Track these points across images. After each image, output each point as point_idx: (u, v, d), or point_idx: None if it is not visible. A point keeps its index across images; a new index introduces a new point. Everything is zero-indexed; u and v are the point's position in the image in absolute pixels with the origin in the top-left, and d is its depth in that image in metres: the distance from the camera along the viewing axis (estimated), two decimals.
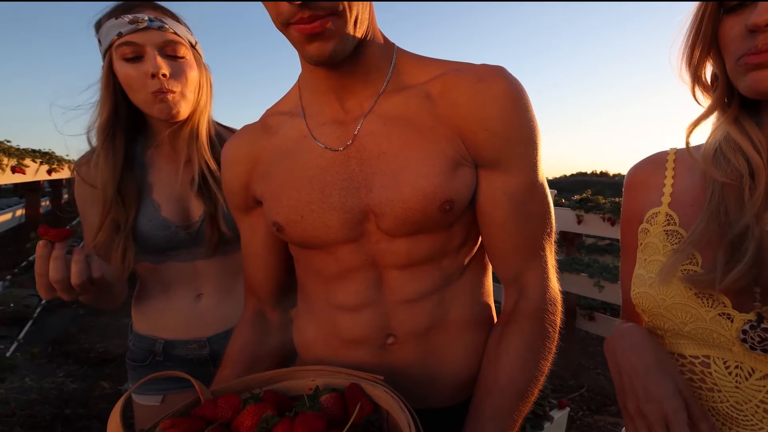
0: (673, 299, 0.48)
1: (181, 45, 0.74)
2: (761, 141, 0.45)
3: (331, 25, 0.41)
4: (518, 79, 0.48)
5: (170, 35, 0.72)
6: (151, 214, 0.79)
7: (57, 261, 0.56)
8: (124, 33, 0.69)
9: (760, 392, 0.43)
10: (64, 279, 0.57)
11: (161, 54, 0.72)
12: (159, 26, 0.71)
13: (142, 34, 0.70)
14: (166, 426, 0.37)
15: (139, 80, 0.71)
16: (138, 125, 0.81)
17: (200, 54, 0.81)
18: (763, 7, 0.38)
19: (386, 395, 0.42)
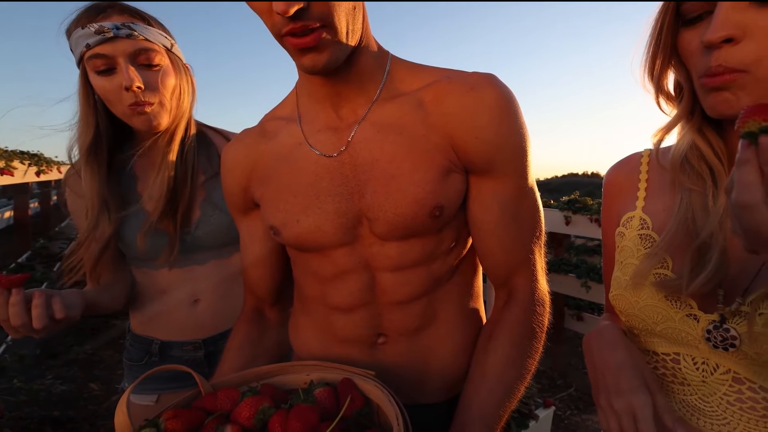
0: (645, 301, 0.50)
1: (154, 52, 0.71)
2: (722, 150, 0.47)
3: (325, 37, 0.42)
4: (509, 87, 0.50)
5: (141, 42, 0.69)
6: (139, 222, 0.78)
7: (14, 307, 0.57)
8: (92, 45, 0.66)
9: (723, 386, 0.46)
10: (26, 324, 0.58)
11: (134, 64, 0.69)
12: (127, 34, 0.67)
13: (112, 44, 0.67)
14: (169, 416, 0.39)
15: (114, 93, 0.69)
16: (122, 133, 0.80)
17: (178, 56, 0.78)
18: (716, 24, 0.39)
19: (377, 390, 0.44)
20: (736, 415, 0.45)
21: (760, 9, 0.37)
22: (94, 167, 0.74)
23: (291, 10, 0.38)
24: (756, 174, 0.30)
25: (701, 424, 0.48)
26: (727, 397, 0.46)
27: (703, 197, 0.47)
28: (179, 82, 0.77)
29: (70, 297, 0.65)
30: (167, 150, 0.76)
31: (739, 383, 0.45)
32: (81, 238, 0.77)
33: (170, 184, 0.76)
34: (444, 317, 0.56)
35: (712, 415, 0.47)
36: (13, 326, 0.58)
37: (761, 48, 0.38)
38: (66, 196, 0.82)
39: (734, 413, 0.45)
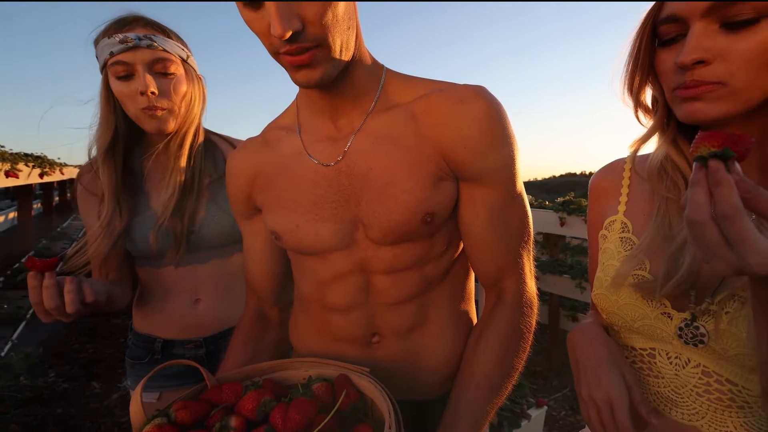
0: (624, 300, 0.53)
1: (170, 62, 0.77)
2: None
3: (318, 55, 0.44)
4: (497, 99, 0.52)
5: (160, 53, 0.75)
6: (148, 221, 0.82)
7: (48, 290, 0.59)
8: (116, 52, 0.73)
9: (694, 378, 0.49)
10: (59, 306, 0.60)
11: (150, 72, 0.75)
12: (148, 44, 0.74)
13: (133, 53, 0.73)
14: (178, 407, 0.42)
15: (130, 97, 0.75)
16: (135, 136, 0.85)
17: (193, 67, 0.84)
18: (688, 48, 0.42)
19: (371, 385, 0.47)
20: (705, 405, 0.48)
21: (729, 34, 0.41)
22: (111, 164, 0.79)
23: (287, 34, 0.40)
24: (705, 194, 0.33)
25: (673, 413, 0.51)
26: (697, 389, 0.49)
27: (678, 205, 0.50)
28: (191, 90, 0.82)
29: (97, 283, 0.69)
30: (178, 154, 0.81)
31: (708, 376, 0.48)
32: (92, 233, 0.80)
33: (180, 186, 0.80)
34: (436, 318, 0.58)
35: (683, 405, 0.50)
36: (46, 309, 0.60)
37: (732, 66, 0.41)
38: (78, 193, 0.86)
39: (703, 404, 0.48)
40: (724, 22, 0.41)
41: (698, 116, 0.44)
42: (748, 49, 0.40)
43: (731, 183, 0.32)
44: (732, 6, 0.39)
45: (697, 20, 0.42)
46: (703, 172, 0.33)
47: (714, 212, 0.32)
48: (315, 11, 0.42)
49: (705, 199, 0.32)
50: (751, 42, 0.40)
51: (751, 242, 0.31)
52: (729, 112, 0.42)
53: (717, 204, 0.32)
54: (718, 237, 0.32)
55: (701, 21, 0.41)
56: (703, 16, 0.41)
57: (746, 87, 0.41)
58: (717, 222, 0.32)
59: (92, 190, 0.83)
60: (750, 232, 0.31)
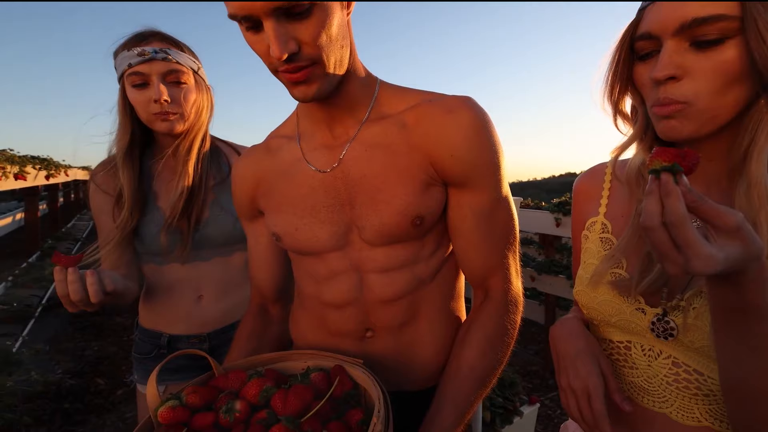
0: (602, 297, 0.57)
1: (182, 73, 0.84)
2: None
3: (313, 72, 0.48)
4: (484, 109, 0.55)
5: (173, 65, 0.82)
6: (157, 220, 0.87)
7: (74, 284, 0.65)
8: (134, 64, 0.80)
9: (664, 369, 0.52)
10: (84, 298, 0.66)
11: (164, 82, 0.82)
12: (163, 57, 0.81)
13: (149, 64, 0.80)
14: (189, 392, 0.47)
15: (145, 104, 0.82)
16: (147, 140, 0.91)
17: (203, 77, 0.90)
18: (660, 65, 0.45)
19: (364, 375, 0.51)
20: (674, 394, 0.52)
21: (698, 53, 0.44)
22: (130, 166, 0.85)
23: (284, 56, 0.45)
24: (657, 204, 0.36)
25: (645, 401, 0.54)
26: (667, 378, 0.52)
27: None
28: (200, 99, 0.88)
29: (113, 274, 0.75)
30: (187, 158, 0.87)
31: (677, 366, 0.51)
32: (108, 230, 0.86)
33: (189, 188, 0.86)
34: (426, 315, 0.61)
35: (654, 393, 0.54)
36: (73, 301, 0.66)
37: (698, 85, 0.44)
38: (90, 191, 0.91)
39: (672, 392, 0.52)
40: (694, 41, 0.44)
41: (673, 134, 0.47)
42: (713, 67, 0.43)
43: (679, 194, 0.35)
44: (699, 27, 0.43)
45: (669, 38, 0.45)
46: (656, 183, 0.37)
47: (663, 220, 0.36)
48: (310, 34, 0.45)
49: (656, 208, 0.36)
50: (716, 61, 0.43)
51: (695, 246, 0.35)
52: (698, 131, 0.46)
53: (666, 212, 0.36)
54: (668, 241, 0.36)
55: (673, 39, 0.45)
56: (675, 35, 0.44)
57: (709, 107, 0.44)
58: (667, 228, 0.36)
59: (105, 189, 0.88)
60: (694, 237, 0.35)
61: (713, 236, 0.37)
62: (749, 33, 0.42)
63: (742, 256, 0.36)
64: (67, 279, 0.65)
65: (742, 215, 0.36)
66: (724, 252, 0.35)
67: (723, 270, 0.35)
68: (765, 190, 0.44)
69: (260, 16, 0.44)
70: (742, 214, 0.36)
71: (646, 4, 0.48)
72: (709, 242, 0.36)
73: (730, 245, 0.35)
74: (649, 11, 0.47)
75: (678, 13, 0.44)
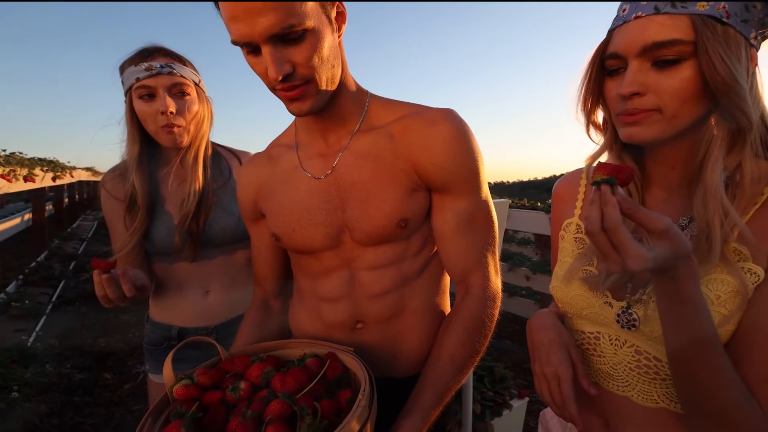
0: (574, 292, 0.62)
1: (186, 85, 0.90)
2: (637, 174, 0.58)
3: (307, 90, 0.53)
4: (464, 120, 0.60)
5: (177, 78, 0.88)
6: (165, 223, 0.94)
7: (111, 286, 0.74)
8: (141, 78, 0.85)
9: (628, 356, 0.57)
10: (120, 296, 0.76)
11: (169, 94, 0.88)
12: (168, 72, 0.87)
13: (155, 78, 0.86)
14: (200, 373, 0.53)
15: (152, 116, 0.88)
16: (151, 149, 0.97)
17: (203, 89, 0.97)
18: (626, 82, 0.49)
19: (353, 361, 0.57)
20: (635, 378, 0.57)
21: (658, 72, 0.49)
22: (142, 172, 0.92)
23: (281, 76, 0.51)
24: (597, 211, 0.42)
25: (610, 386, 0.59)
26: (630, 365, 0.57)
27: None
28: (201, 109, 0.94)
29: (138, 272, 0.83)
30: (195, 167, 0.94)
31: (639, 354, 0.55)
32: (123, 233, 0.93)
33: (198, 192, 0.93)
34: (412, 309, 0.66)
35: (618, 378, 0.58)
36: (112, 298, 0.75)
37: (660, 100, 0.49)
38: (102, 197, 0.98)
39: (634, 377, 0.57)
40: (655, 61, 0.49)
41: (636, 138, 0.52)
42: (673, 84, 0.48)
43: (614, 203, 0.41)
44: (659, 49, 0.48)
45: (633, 59, 0.50)
46: (597, 194, 0.43)
47: (603, 225, 0.42)
48: (303, 56, 0.51)
49: (597, 215, 0.42)
50: (675, 79, 0.48)
51: (627, 247, 0.40)
52: (660, 135, 0.51)
53: (604, 219, 0.42)
54: (607, 243, 0.42)
55: (636, 59, 0.50)
56: (638, 56, 0.49)
57: (675, 114, 0.49)
58: (605, 232, 0.42)
59: (115, 195, 0.95)
60: (626, 239, 0.41)
61: (646, 238, 0.42)
62: (701, 56, 0.47)
63: (670, 254, 0.41)
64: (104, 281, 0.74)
65: (670, 220, 0.41)
66: (654, 252, 0.41)
67: (653, 267, 0.41)
68: (718, 198, 0.48)
69: (259, 43, 0.50)
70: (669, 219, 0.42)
71: (614, 26, 0.53)
72: (641, 244, 0.41)
73: (659, 246, 0.41)
74: (616, 33, 0.52)
75: (641, 36, 0.49)
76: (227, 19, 0.50)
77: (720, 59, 0.46)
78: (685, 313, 0.45)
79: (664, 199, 0.58)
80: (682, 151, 0.54)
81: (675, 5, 0.48)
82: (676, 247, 0.41)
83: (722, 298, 0.49)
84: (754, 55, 0.49)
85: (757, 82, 0.50)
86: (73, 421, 2.00)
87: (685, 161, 0.54)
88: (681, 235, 0.42)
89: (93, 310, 3.48)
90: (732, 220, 0.48)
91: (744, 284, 0.47)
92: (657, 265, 0.41)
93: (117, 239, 0.94)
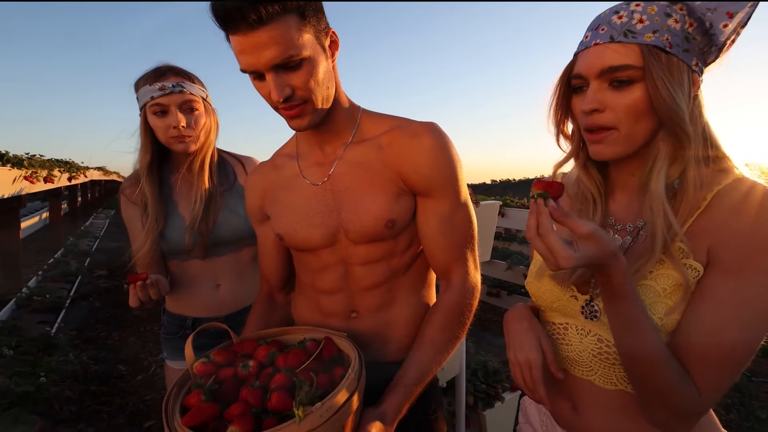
0: (546, 287, 0.68)
1: (195, 102, 1.00)
2: (600, 181, 0.65)
3: (305, 109, 0.61)
4: (444, 132, 0.67)
5: (187, 96, 0.98)
6: (178, 225, 1.03)
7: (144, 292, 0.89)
8: (155, 97, 0.96)
9: (591, 344, 0.62)
10: (150, 301, 0.90)
11: (180, 110, 0.98)
12: (179, 90, 0.97)
13: (168, 97, 0.96)
14: (215, 353, 0.62)
15: (165, 129, 0.98)
16: (164, 157, 1.07)
17: (209, 103, 1.06)
18: (587, 99, 0.56)
19: (347, 344, 0.64)
20: (598, 364, 0.62)
21: (614, 91, 0.56)
22: (151, 179, 1.02)
23: (282, 98, 0.59)
24: (534, 220, 0.50)
25: (576, 371, 0.65)
26: (593, 352, 0.62)
27: (587, 214, 0.67)
28: (208, 122, 1.04)
29: (160, 277, 0.97)
30: (201, 173, 1.03)
31: (600, 342, 0.61)
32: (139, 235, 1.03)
33: (205, 197, 1.02)
34: (401, 300, 0.73)
35: (583, 365, 0.64)
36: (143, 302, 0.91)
37: (616, 116, 0.56)
38: (122, 203, 1.08)
39: (596, 363, 0.62)
40: (611, 82, 0.56)
41: (601, 156, 0.59)
42: (625, 102, 0.55)
43: (546, 213, 0.49)
44: (614, 72, 0.55)
45: (593, 79, 0.57)
46: (534, 205, 0.51)
47: (537, 231, 0.50)
48: (301, 81, 0.59)
49: (534, 223, 0.50)
50: (628, 98, 0.55)
51: (556, 249, 0.48)
52: (621, 152, 0.58)
53: (539, 226, 0.50)
54: (543, 246, 0.50)
55: (596, 80, 0.56)
56: (597, 77, 0.56)
57: (630, 132, 0.56)
58: (540, 237, 0.50)
59: (133, 200, 1.05)
60: (555, 242, 0.48)
61: (576, 241, 0.50)
62: (647, 80, 0.54)
63: (596, 253, 0.49)
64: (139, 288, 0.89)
65: (595, 225, 0.49)
66: (580, 252, 0.48)
67: (582, 264, 0.49)
68: (660, 203, 0.55)
69: (263, 71, 0.58)
70: (595, 224, 0.49)
71: (578, 50, 0.60)
72: (570, 246, 0.49)
73: (585, 247, 0.49)
74: (580, 56, 0.59)
75: (599, 61, 0.56)
76: (237, 52, 0.58)
77: (662, 83, 0.53)
78: (619, 303, 0.52)
79: (626, 203, 0.65)
80: (638, 161, 0.60)
81: (627, 35, 0.55)
82: (601, 247, 0.49)
83: (668, 291, 0.55)
84: (696, 79, 0.56)
85: (699, 104, 0.57)
86: (91, 408, 2.12)
87: (642, 170, 0.60)
88: (605, 237, 0.49)
89: (106, 305, 3.63)
90: (670, 221, 0.55)
91: (686, 278, 0.54)
92: (585, 263, 0.49)
93: (135, 240, 1.04)
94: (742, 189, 0.53)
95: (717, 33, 0.54)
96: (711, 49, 0.56)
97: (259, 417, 0.50)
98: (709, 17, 0.53)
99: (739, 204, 0.52)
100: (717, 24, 0.53)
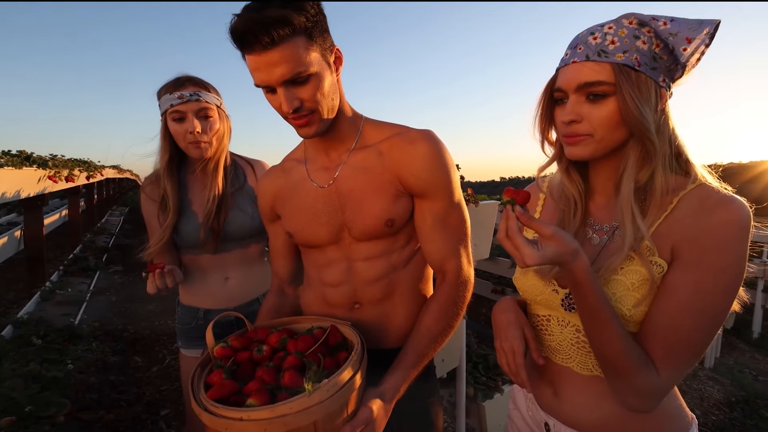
0: (530, 282, 0.73)
1: (210, 109, 1.09)
2: (581, 184, 0.70)
3: (312, 118, 0.67)
4: (440, 139, 0.74)
5: (203, 104, 1.07)
6: (192, 221, 1.12)
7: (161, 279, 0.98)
8: (175, 104, 1.05)
9: (570, 334, 0.68)
10: (166, 288, 0.99)
11: (197, 117, 1.07)
12: (196, 99, 1.06)
13: (186, 104, 1.05)
14: (232, 339, 0.70)
15: (182, 134, 1.07)
16: (181, 159, 1.16)
17: (224, 110, 1.15)
18: (565, 111, 0.62)
19: (350, 331, 0.72)
20: (576, 352, 0.68)
21: (590, 104, 0.62)
22: (171, 177, 1.11)
23: (291, 110, 0.66)
24: (503, 224, 0.57)
25: (557, 359, 0.71)
26: (572, 341, 0.68)
27: (569, 215, 0.72)
28: (222, 127, 1.13)
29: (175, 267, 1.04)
30: (215, 174, 1.12)
31: (578, 332, 0.67)
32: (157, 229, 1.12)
33: (217, 197, 1.11)
34: (400, 292, 0.80)
35: (562, 352, 0.70)
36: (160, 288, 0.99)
37: (592, 126, 0.62)
38: (142, 201, 1.18)
39: (575, 351, 0.68)
40: (588, 96, 0.62)
41: (575, 156, 0.65)
42: (600, 114, 0.61)
43: (513, 217, 0.56)
44: (590, 87, 0.61)
45: (572, 93, 0.62)
46: (504, 211, 0.57)
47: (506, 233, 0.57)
48: (308, 94, 0.66)
49: (503, 227, 0.57)
50: (603, 110, 0.61)
51: (521, 249, 0.55)
52: (594, 154, 0.64)
53: (507, 229, 0.56)
54: (511, 247, 0.56)
55: (574, 94, 0.62)
56: (575, 91, 0.62)
57: (603, 138, 0.62)
58: (508, 239, 0.56)
59: (152, 197, 1.14)
60: (521, 243, 0.55)
61: (541, 242, 0.57)
62: (618, 95, 0.60)
63: (557, 252, 0.55)
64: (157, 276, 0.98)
65: (556, 227, 0.55)
66: (543, 251, 0.55)
67: (545, 261, 0.55)
68: (629, 204, 0.62)
69: (274, 86, 0.65)
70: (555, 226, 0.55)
71: (560, 66, 0.66)
72: (534, 246, 0.56)
73: (547, 246, 0.55)
74: (561, 72, 0.65)
75: (576, 77, 0.62)
76: (251, 69, 0.66)
77: (631, 98, 0.59)
78: (582, 294, 0.59)
79: (604, 205, 0.71)
80: (614, 166, 0.66)
81: (600, 54, 0.61)
82: (562, 246, 0.55)
83: (636, 285, 0.62)
84: (663, 94, 0.62)
85: (666, 116, 0.63)
86: (111, 397, 2.24)
87: (617, 175, 0.66)
88: (567, 238, 0.56)
89: (122, 300, 3.78)
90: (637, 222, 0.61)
91: (652, 274, 0.60)
92: (548, 260, 0.55)
93: (153, 234, 1.14)
94: (701, 195, 0.60)
95: (679, 54, 0.60)
96: (677, 67, 0.62)
97: (273, 392, 0.58)
98: (671, 41, 0.59)
99: (699, 208, 0.59)
100: (678, 47, 0.59)
